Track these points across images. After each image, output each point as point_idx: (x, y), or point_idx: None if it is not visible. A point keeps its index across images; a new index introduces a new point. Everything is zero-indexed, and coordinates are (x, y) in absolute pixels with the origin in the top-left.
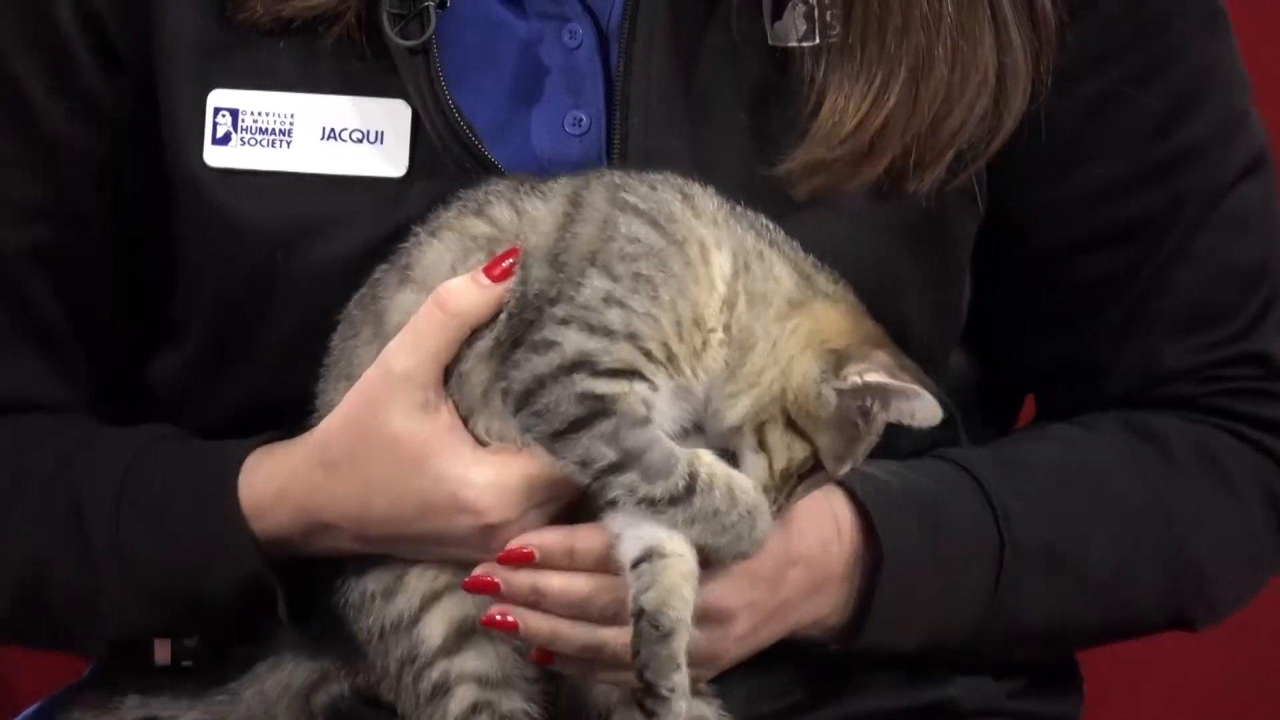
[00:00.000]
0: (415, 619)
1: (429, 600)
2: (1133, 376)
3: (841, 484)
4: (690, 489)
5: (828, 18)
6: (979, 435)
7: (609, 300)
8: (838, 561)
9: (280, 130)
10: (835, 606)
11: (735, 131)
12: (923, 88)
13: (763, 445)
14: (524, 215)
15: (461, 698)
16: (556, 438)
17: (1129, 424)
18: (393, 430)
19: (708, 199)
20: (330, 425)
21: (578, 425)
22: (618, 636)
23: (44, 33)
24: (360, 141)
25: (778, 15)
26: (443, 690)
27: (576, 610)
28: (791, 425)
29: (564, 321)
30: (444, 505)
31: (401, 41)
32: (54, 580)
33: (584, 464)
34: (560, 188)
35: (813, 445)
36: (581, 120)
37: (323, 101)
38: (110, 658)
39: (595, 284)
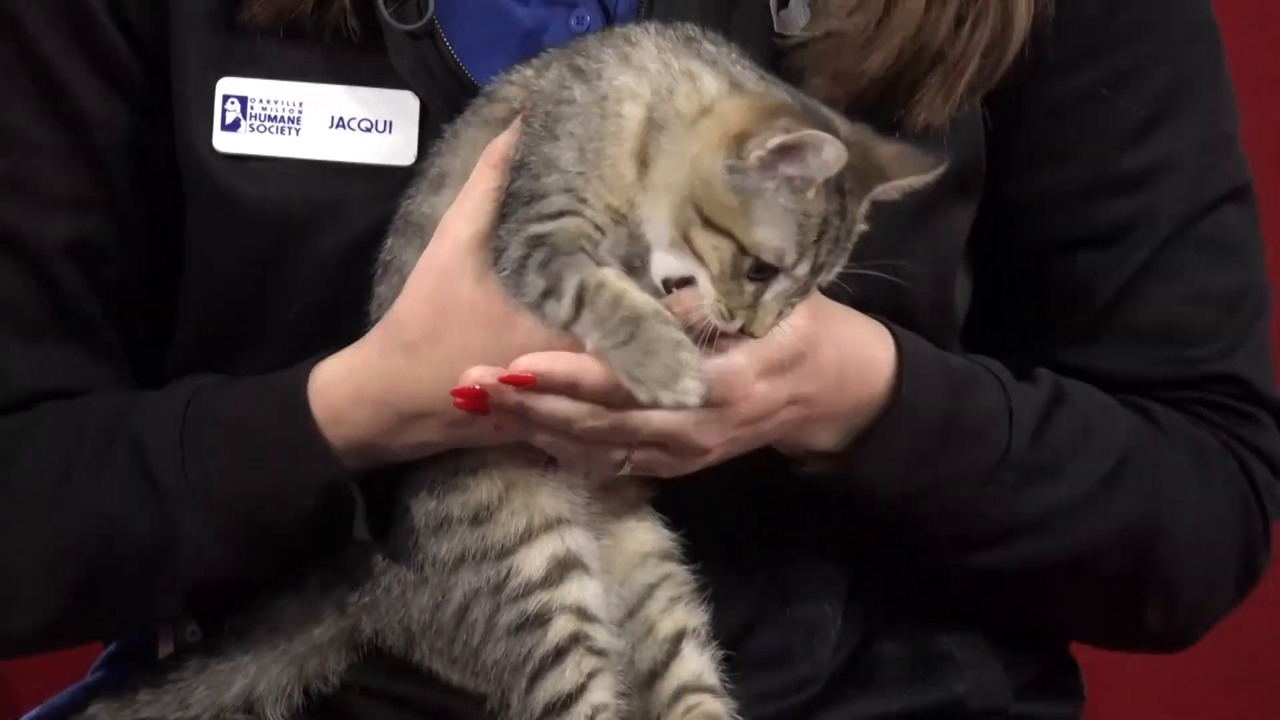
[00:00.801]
0: (511, 550)
1: (528, 534)
2: (1104, 382)
3: (890, 330)
4: (579, 300)
5: (831, 6)
6: None
7: (550, 160)
8: (850, 399)
9: (289, 118)
10: (834, 433)
11: None
12: None
13: (698, 255)
14: (530, 85)
15: (561, 628)
16: (509, 282)
17: (1122, 400)
18: (470, 296)
19: (652, 40)
20: (402, 306)
21: (521, 264)
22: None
23: (77, 14)
24: (369, 131)
25: (784, 4)
26: (540, 621)
27: (560, 428)
28: (709, 224)
29: (517, 184)
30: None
31: (399, 25)
32: (126, 534)
33: (532, 301)
34: (554, 57)
35: (734, 240)
36: None
37: (331, 91)
38: (186, 614)
39: (543, 148)
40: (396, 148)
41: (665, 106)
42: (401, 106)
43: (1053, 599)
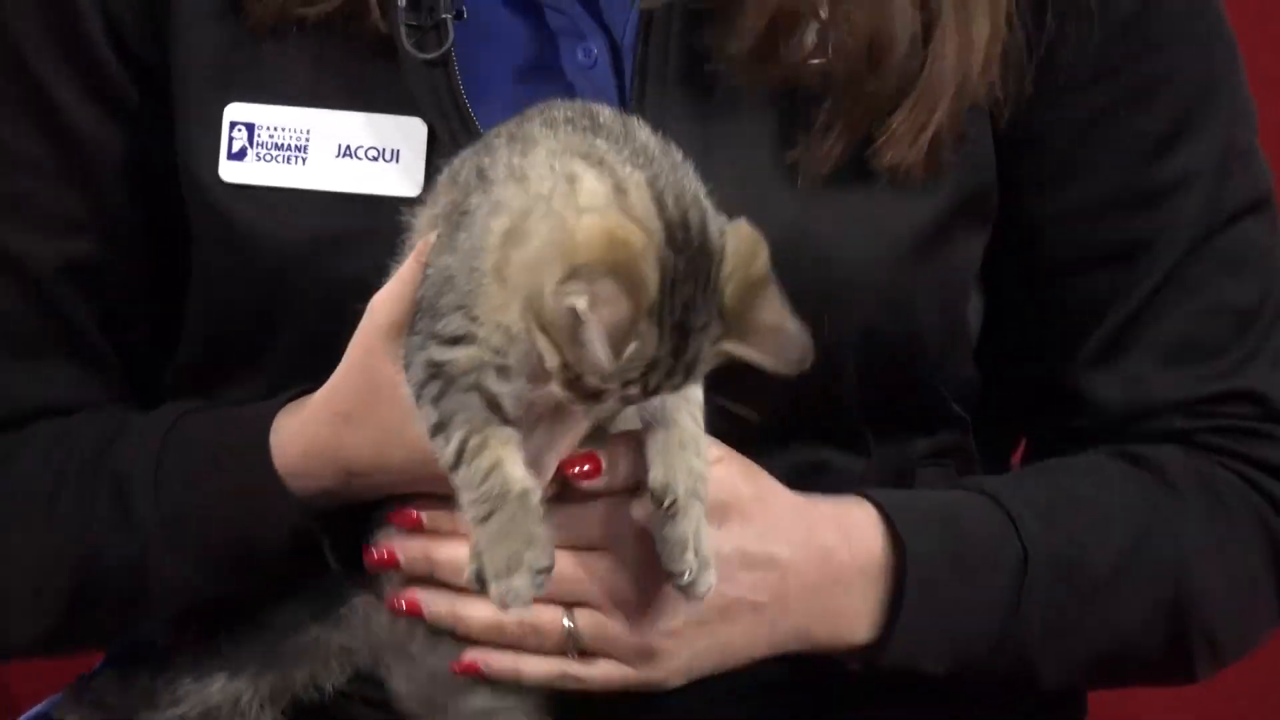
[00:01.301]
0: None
1: None
2: (1118, 406)
3: (862, 493)
4: (460, 453)
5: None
6: (990, 445)
7: (446, 274)
8: (849, 566)
9: (296, 146)
10: (857, 614)
11: (748, 145)
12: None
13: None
14: (455, 179)
15: None
16: (412, 399)
17: (1124, 453)
18: (394, 378)
19: (547, 143)
20: (337, 376)
21: (420, 389)
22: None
23: (73, 37)
24: (376, 160)
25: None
26: None
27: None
28: (543, 328)
29: (422, 292)
30: None
31: (418, 54)
32: (105, 565)
33: (427, 430)
34: (473, 152)
35: (561, 355)
36: None
37: (339, 118)
38: (174, 635)
39: (443, 258)
40: (403, 178)
41: (532, 220)
42: (410, 134)
43: (1103, 669)
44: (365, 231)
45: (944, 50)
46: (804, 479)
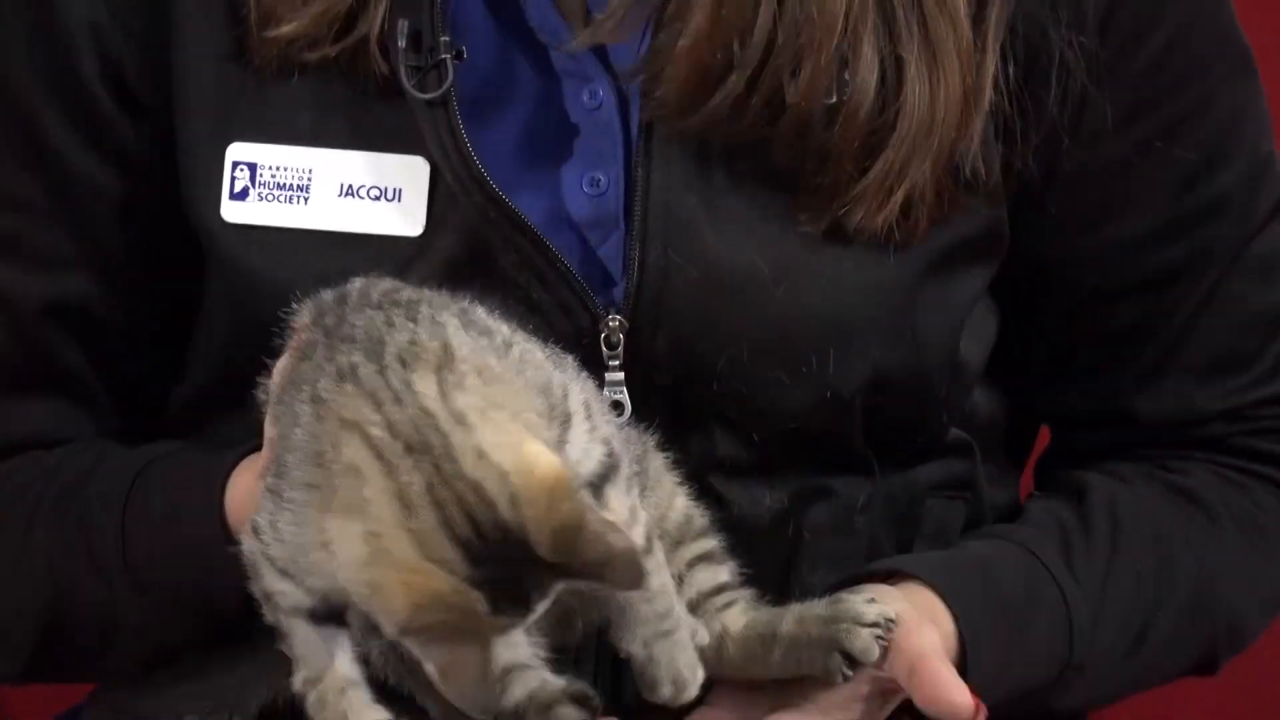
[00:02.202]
0: None
1: None
2: (1160, 422)
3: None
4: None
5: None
6: (996, 469)
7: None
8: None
9: (298, 186)
10: None
11: (751, 187)
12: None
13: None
14: None
15: None
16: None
17: (1167, 485)
18: None
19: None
20: (264, 451)
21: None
22: None
23: (66, 77)
24: (378, 199)
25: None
26: None
27: None
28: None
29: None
30: None
31: (419, 94)
32: (73, 610)
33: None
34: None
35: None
36: (600, 180)
37: (341, 157)
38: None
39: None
40: (404, 217)
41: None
42: (413, 172)
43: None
44: (364, 270)
45: (909, 113)
46: (807, 505)
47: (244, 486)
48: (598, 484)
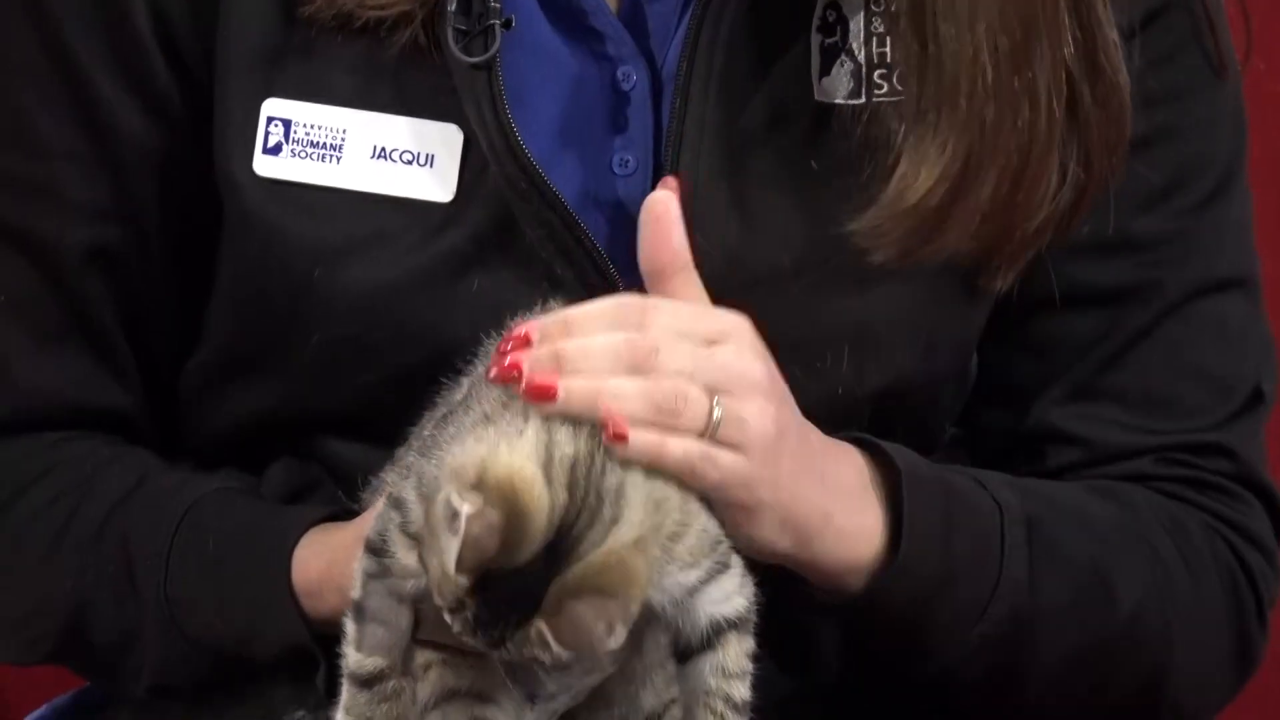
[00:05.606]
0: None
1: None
2: (1087, 444)
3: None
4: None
5: (875, 77)
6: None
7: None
8: (859, 481)
9: (331, 145)
10: (866, 528)
11: (783, 182)
12: (992, 159)
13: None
14: None
15: None
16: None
17: (1091, 486)
18: None
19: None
20: (366, 515)
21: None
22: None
23: (118, 29)
24: (410, 163)
25: (826, 71)
26: None
27: (609, 362)
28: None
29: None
30: None
31: (465, 58)
32: (97, 623)
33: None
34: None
35: (424, 561)
36: (629, 162)
37: (376, 119)
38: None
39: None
40: (436, 183)
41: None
42: (447, 139)
43: (1073, 679)
44: (393, 234)
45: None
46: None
47: (317, 546)
48: (725, 628)
